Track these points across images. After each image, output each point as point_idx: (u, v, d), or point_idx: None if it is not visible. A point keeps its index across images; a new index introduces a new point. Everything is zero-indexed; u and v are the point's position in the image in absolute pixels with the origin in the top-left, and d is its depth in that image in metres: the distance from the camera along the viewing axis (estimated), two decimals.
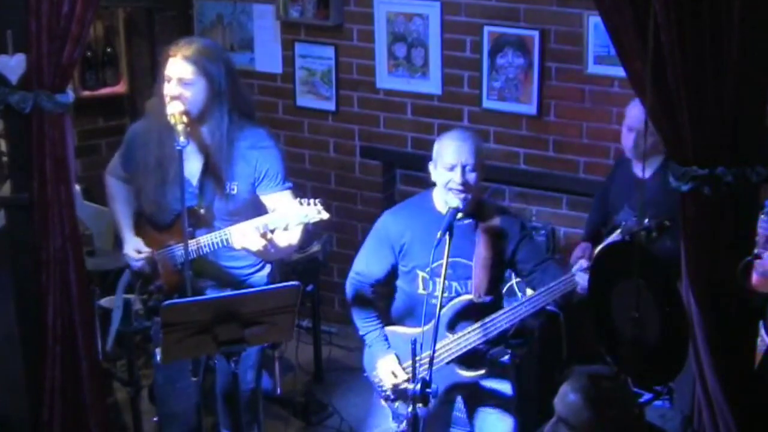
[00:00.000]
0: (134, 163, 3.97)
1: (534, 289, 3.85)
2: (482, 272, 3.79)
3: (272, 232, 3.69)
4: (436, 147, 3.79)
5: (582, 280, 3.71)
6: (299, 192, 3.84)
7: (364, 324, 3.97)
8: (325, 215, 3.62)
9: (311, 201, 3.61)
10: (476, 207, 3.82)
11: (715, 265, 3.04)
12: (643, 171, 4.20)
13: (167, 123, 3.75)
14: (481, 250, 3.79)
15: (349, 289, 4.02)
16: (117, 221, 4.12)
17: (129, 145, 4.03)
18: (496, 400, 3.95)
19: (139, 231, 4.05)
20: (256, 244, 3.68)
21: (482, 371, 3.87)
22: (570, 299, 3.92)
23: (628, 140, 4.37)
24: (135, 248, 3.98)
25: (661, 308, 2.99)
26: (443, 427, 4.08)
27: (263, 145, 3.88)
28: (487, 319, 3.78)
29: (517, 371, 4.10)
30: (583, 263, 3.76)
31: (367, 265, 3.97)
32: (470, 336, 3.79)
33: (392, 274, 3.96)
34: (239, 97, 3.88)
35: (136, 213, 4.08)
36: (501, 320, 3.77)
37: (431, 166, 3.81)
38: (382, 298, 4.11)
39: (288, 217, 3.61)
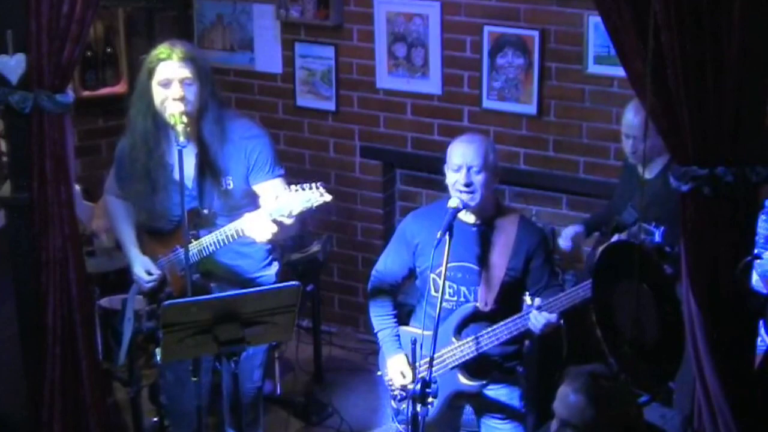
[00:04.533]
0: (126, 178, 3.99)
1: None
2: (489, 280, 3.76)
3: None
4: (448, 149, 3.79)
5: (536, 321, 3.65)
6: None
7: (378, 322, 3.99)
8: (328, 197, 3.60)
9: (313, 185, 3.61)
10: (492, 212, 3.80)
11: (715, 265, 3.04)
12: (643, 172, 4.20)
13: (153, 131, 3.78)
14: (488, 257, 3.76)
15: (369, 286, 4.05)
16: (120, 239, 4.14)
17: (119, 162, 4.06)
18: (505, 411, 3.93)
19: (142, 244, 4.06)
20: (269, 232, 3.68)
21: (483, 381, 3.86)
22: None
23: (626, 146, 4.39)
24: (145, 269, 3.99)
25: (659, 310, 2.99)
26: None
27: (251, 135, 3.91)
28: (483, 332, 3.77)
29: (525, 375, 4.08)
30: (538, 301, 3.67)
31: (385, 263, 4.00)
32: (466, 347, 3.78)
33: (412, 275, 3.97)
34: (219, 92, 3.94)
35: (138, 226, 4.09)
36: (496, 334, 3.75)
37: (445, 168, 3.80)
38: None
39: (291, 203, 3.60)
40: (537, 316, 3.64)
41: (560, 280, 4.18)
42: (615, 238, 3.97)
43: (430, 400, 3.48)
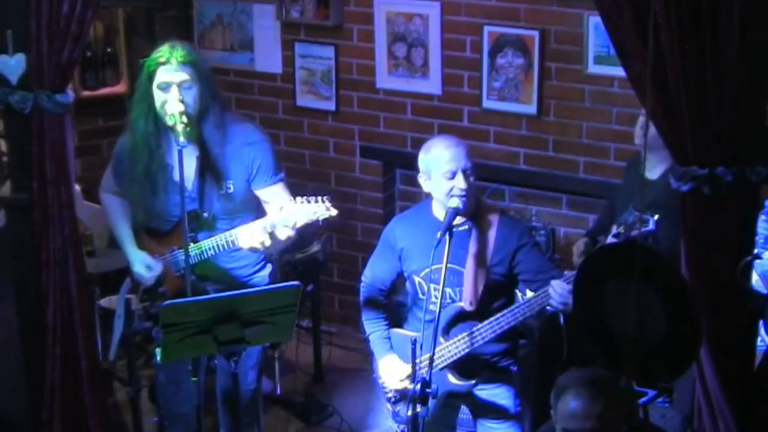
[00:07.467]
0: (125, 176, 3.99)
1: None
2: (473, 280, 3.74)
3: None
4: (425, 158, 3.73)
5: (555, 293, 3.58)
6: (299, 192, 3.84)
7: (369, 326, 3.99)
8: (334, 212, 3.63)
9: (319, 198, 3.62)
10: (472, 211, 3.78)
11: (715, 265, 3.04)
12: (643, 170, 4.19)
13: (154, 132, 3.79)
14: (471, 257, 3.74)
15: (360, 293, 4.05)
16: (117, 236, 4.12)
17: (118, 159, 4.05)
18: (500, 412, 3.91)
19: (137, 242, 4.05)
20: (263, 243, 3.70)
21: (472, 381, 3.85)
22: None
23: (638, 132, 4.34)
24: (145, 265, 3.98)
25: (664, 304, 2.97)
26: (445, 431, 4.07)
27: (253, 141, 3.91)
28: (473, 329, 3.77)
29: (520, 374, 4.06)
30: (565, 273, 3.63)
31: (372, 269, 4.00)
32: (458, 344, 3.78)
33: (400, 278, 3.96)
34: (221, 95, 3.95)
35: (134, 224, 4.08)
36: (485, 331, 3.75)
37: (422, 178, 3.76)
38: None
39: (297, 215, 3.62)
40: (555, 286, 3.56)
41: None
42: (608, 239, 3.94)
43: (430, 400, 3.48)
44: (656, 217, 3.65)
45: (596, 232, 4.67)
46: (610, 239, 3.83)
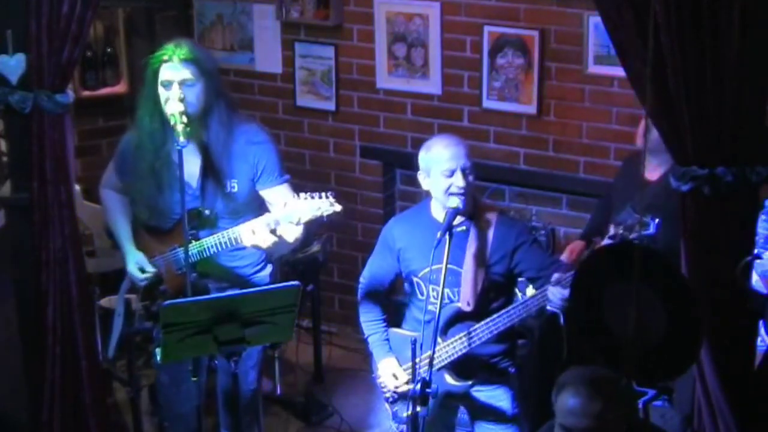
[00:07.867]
0: (129, 173, 3.99)
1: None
2: (471, 280, 3.74)
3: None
4: (426, 156, 3.73)
5: (553, 296, 3.58)
6: (299, 192, 3.84)
7: (367, 327, 3.99)
8: (338, 207, 3.63)
9: (323, 194, 3.62)
10: (471, 211, 3.78)
11: (715, 265, 3.04)
12: (643, 170, 4.18)
13: (159, 129, 3.79)
14: (469, 258, 3.74)
15: (358, 293, 4.05)
16: (116, 233, 4.11)
17: (123, 155, 4.05)
18: (497, 414, 3.91)
19: (138, 239, 4.05)
20: (267, 240, 3.69)
21: (469, 382, 3.85)
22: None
23: (640, 127, 4.34)
24: (139, 266, 3.98)
25: (664, 304, 2.96)
26: (444, 431, 4.07)
27: (258, 140, 3.92)
28: (471, 330, 3.76)
29: (518, 376, 4.06)
30: (556, 276, 3.61)
31: (370, 269, 4.00)
32: (456, 344, 3.78)
33: (399, 278, 3.96)
34: (227, 94, 3.94)
35: (135, 223, 4.08)
36: (482, 331, 3.75)
37: (421, 176, 3.76)
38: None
39: (300, 211, 3.61)
40: (555, 292, 3.57)
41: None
42: (605, 241, 3.94)
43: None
44: (657, 220, 3.65)
45: (590, 233, 4.67)
46: (606, 240, 3.83)
